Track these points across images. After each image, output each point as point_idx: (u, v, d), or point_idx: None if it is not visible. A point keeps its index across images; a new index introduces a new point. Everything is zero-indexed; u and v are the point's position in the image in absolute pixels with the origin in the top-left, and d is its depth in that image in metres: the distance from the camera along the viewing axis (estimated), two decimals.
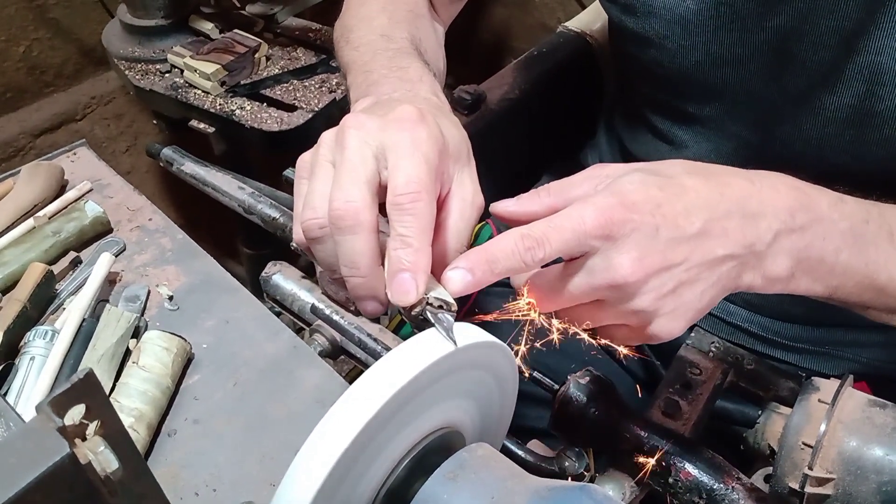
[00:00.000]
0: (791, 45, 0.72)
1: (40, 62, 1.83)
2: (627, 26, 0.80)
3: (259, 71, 1.59)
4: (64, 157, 0.97)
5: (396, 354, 0.48)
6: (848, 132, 0.73)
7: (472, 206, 0.58)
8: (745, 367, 0.79)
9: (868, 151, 0.73)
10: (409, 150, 0.53)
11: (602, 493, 0.48)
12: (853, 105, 0.71)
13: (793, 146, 0.77)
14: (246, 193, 0.85)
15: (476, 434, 0.59)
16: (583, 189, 0.56)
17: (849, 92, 0.71)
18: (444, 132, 0.56)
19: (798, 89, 0.74)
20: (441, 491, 0.49)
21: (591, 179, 0.57)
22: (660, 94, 0.86)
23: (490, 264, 0.52)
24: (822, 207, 0.58)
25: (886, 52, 0.68)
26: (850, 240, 0.59)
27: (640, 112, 0.91)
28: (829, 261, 0.58)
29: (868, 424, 0.53)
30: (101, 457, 0.35)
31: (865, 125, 0.72)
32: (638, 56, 0.82)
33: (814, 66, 0.72)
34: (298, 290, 0.80)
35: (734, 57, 0.75)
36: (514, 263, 0.51)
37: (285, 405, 0.71)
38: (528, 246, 0.51)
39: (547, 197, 0.57)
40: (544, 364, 0.73)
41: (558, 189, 0.57)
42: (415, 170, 0.52)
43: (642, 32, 0.79)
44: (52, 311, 0.77)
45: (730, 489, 0.63)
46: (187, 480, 0.65)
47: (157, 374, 0.68)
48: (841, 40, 0.69)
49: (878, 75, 0.69)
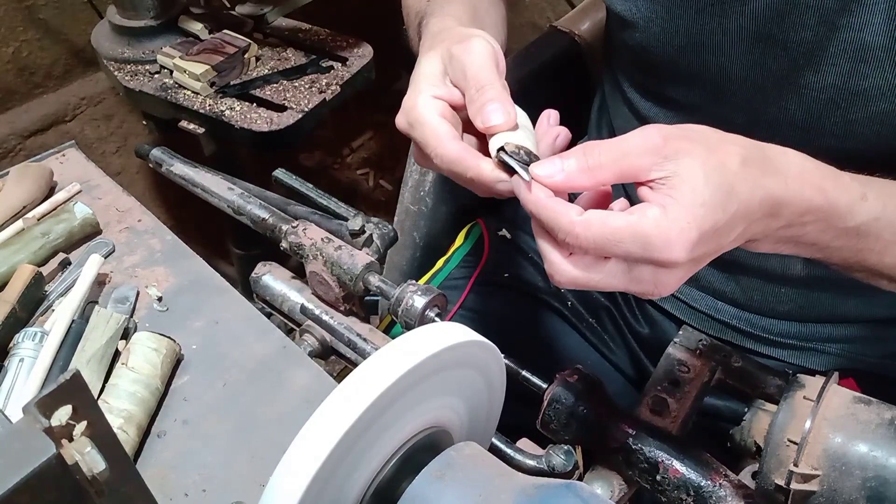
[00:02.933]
0: (772, 28, 0.72)
1: (30, 63, 1.82)
2: (616, 9, 0.82)
3: (249, 71, 1.58)
4: (53, 158, 0.97)
5: (384, 353, 0.49)
6: (834, 112, 0.73)
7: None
8: (733, 365, 0.80)
9: (854, 130, 0.73)
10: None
11: (589, 491, 0.48)
12: (837, 84, 0.72)
13: (779, 128, 0.77)
14: (235, 194, 0.85)
15: (464, 433, 0.59)
16: (639, 163, 0.53)
17: (833, 71, 0.71)
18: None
19: (782, 71, 0.74)
20: (428, 490, 0.49)
21: (648, 155, 0.53)
22: (648, 80, 0.87)
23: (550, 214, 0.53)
24: (837, 210, 0.58)
25: (868, 29, 0.68)
26: (852, 234, 0.60)
27: (629, 102, 0.92)
28: (821, 245, 0.60)
29: (853, 421, 0.54)
30: (87, 457, 0.35)
31: (851, 104, 0.72)
32: (626, 41, 0.83)
33: (796, 46, 0.72)
34: (288, 290, 0.81)
35: (716, 41, 0.76)
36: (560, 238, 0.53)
37: (275, 406, 0.71)
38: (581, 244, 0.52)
39: (598, 168, 0.54)
40: (534, 362, 0.73)
41: (610, 159, 0.54)
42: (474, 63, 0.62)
43: (629, 15, 0.80)
44: (42, 312, 0.77)
45: (717, 486, 0.63)
46: (177, 481, 0.65)
47: (147, 376, 0.68)
48: (822, 19, 0.69)
49: (861, 52, 0.69)
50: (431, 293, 0.70)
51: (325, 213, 0.81)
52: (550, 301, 1.02)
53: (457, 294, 1.02)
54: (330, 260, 0.73)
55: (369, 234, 0.76)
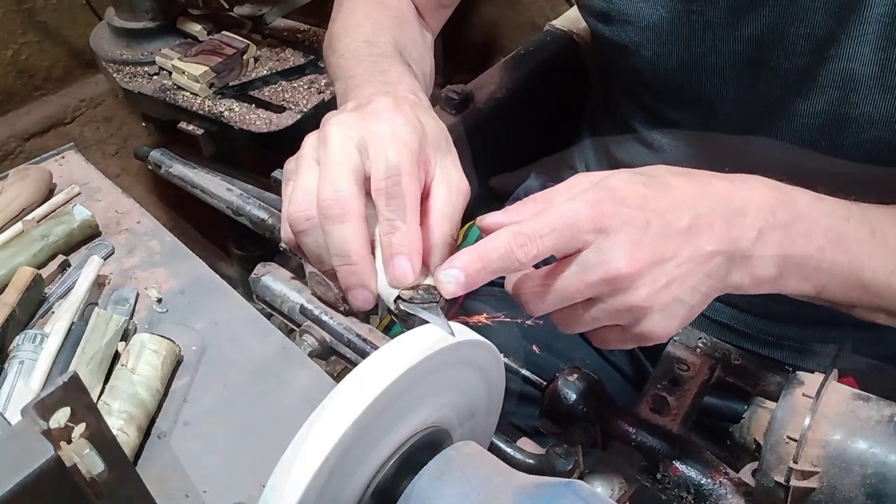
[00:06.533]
0: (764, 54, 0.73)
1: (29, 66, 1.83)
2: (604, 35, 0.81)
3: (248, 72, 1.59)
4: (52, 160, 0.97)
5: (383, 353, 0.49)
6: (824, 137, 0.74)
7: (458, 192, 0.58)
8: (732, 363, 0.80)
9: (845, 155, 0.73)
10: (389, 138, 0.54)
11: (588, 490, 0.48)
12: (828, 111, 0.72)
13: (770, 151, 0.77)
14: (234, 195, 0.85)
15: (464, 432, 0.59)
16: (569, 195, 0.56)
17: (823, 98, 0.72)
18: (422, 120, 0.58)
19: (773, 96, 0.75)
20: (428, 489, 0.49)
21: (577, 186, 0.57)
22: (638, 99, 0.87)
23: (483, 263, 0.52)
24: (801, 205, 0.58)
25: (857, 59, 0.68)
26: (832, 236, 0.59)
27: (620, 115, 0.92)
28: (815, 258, 0.59)
29: (852, 418, 0.54)
30: (86, 459, 0.35)
31: (841, 130, 0.72)
32: (617, 63, 0.83)
33: (787, 73, 0.73)
34: (288, 291, 0.81)
35: (708, 64, 0.76)
36: (507, 262, 0.52)
37: (275, 406, 0.71)
38: (520, 243, 0.51)
39: (534, 205, 0.56)
40: (534, 363, 0.73)
41: (545, 198, 0.57)
42: (395, 155, 0.53)
43: (619, 41, 0.80)
44: (41, 314, 0.77)
45: (717, 484, 0.64)
46: (177, 483, 0.65)
47: (147, 377, 0.68)
48: (812, 48, 0.70)
49: (850, 82, 0.70)
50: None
51: None
52: None
53: None
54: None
55: None
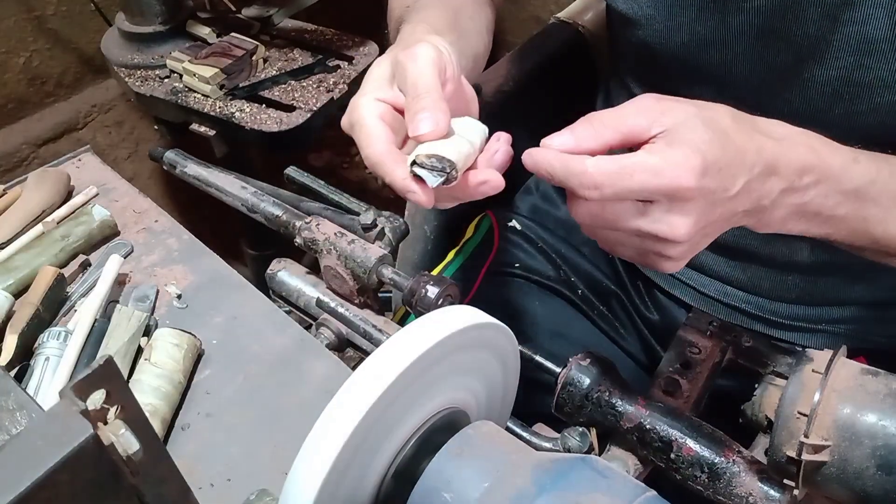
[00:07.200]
0: (775, 22, 0.73)
1: (40, 72, 1.85)
2: (617, 7, 0.82)
3: (257, 73, 1.60)
4: (69, 163, 0.99)
5: (400, 337, 0.50)
6: (838, 104, 0.74)
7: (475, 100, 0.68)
8: (743, 345, 0.81)
9: (859, 121, 0.74)
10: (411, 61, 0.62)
11: (604, 464, 0.49)
12: (842, 77, 0.72)
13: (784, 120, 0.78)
14: (249, 192, 0.87)
15: (480, 414, 0.60)
16: (639, 122, 0.57)
17: (836, 63, 0.72)
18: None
19: (786, 65, 0.75)
20: (448, 466, 0.51)
21: (646, 113, 0.58)
22: (651, 76, 0.88)
23: (564, 165, 0.56)
24: (832, 170, 0.61)
25: (871, 22, 0.68)
26: (852, 198, 0.62)
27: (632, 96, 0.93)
28: (826, 213, 0.62)
29: (861, 392, 0.55)
30: (122, 439, 0.37)
31: (855, 96, 0.73)
32: (629, 38, 0.84)
33: (799, 40, 0.73)
34: (303, 285, 0.82)
35: (719, 38, 0.77)
36: (579, 189, 0.55)
37: (295, 396, 0.73)
38: (587, 186, 0.55)
39: (603, 129, 0.57)
40: (547, 350, 0.74)
41: (613, 122, 0.58)
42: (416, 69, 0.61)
43: (631, 14, 0.81)
44: (65, 313, 0.79)
45: (731, 462, 0.65)
46: (202, 472, 0.67)
47: (169, 370, 0.70)
48: (825, 13, 0.70)
49: (864, 45, 0.70)
50: (444, 283, 0.71)
51: (338, 209, 0.82)
52: (561, 290, 1.03)
53: (468, 285, 1.03)
54: (343, 254, 0.74)
55: (381, 227, 0.78)
